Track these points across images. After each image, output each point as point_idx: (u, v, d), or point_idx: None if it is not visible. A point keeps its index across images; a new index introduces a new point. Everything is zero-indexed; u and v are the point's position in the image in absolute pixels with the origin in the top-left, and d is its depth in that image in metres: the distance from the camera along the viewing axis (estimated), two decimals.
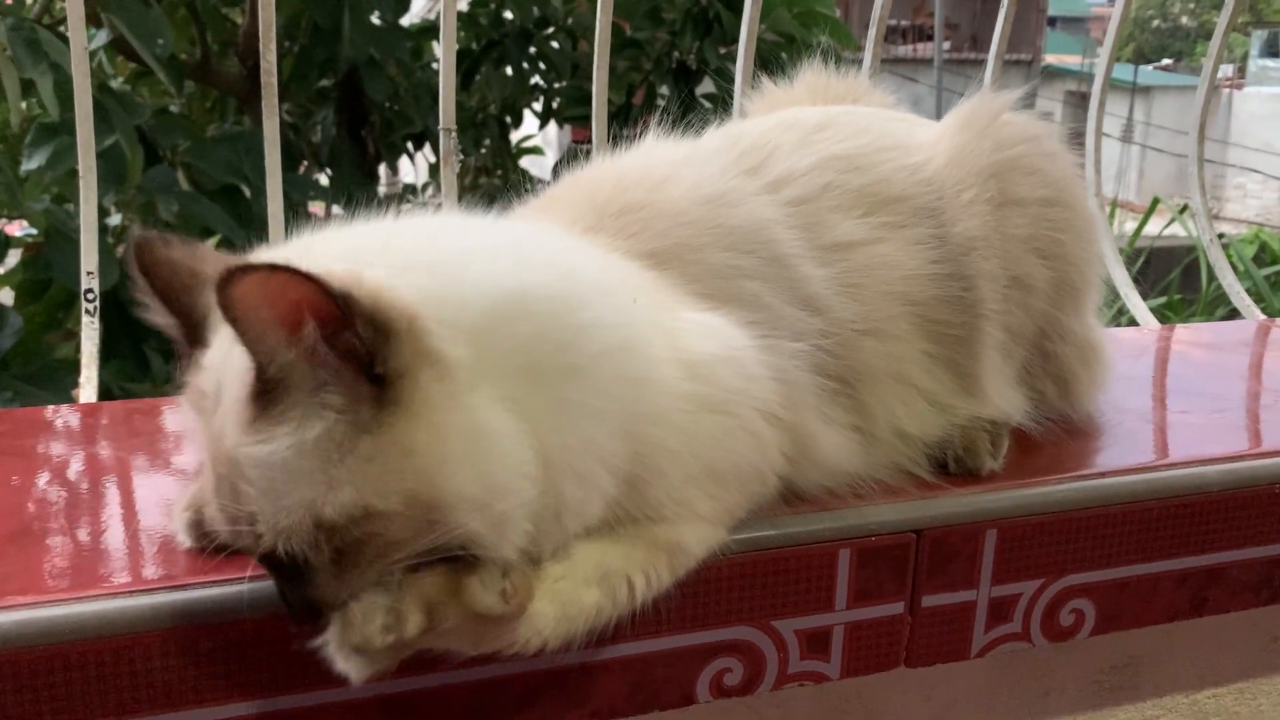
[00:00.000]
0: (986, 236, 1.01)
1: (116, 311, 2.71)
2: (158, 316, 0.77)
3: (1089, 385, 1.14)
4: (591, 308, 0.80)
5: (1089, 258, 1.08)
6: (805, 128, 1.04)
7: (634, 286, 0.87)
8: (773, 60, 1.28)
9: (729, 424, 0.85)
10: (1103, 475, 1.05)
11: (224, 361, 0.71)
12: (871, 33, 1.73)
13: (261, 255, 0.76)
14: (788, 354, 0.90)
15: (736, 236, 0.94)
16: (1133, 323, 1.89)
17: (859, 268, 0.98)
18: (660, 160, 1.01)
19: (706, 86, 3.99)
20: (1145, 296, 1.85)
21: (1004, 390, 1.04)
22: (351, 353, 0.67)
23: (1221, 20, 1.96)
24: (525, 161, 4.99)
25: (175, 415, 0.80)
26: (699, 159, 1.00)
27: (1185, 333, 1.68)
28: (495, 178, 4.68)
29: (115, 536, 0.89)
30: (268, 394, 0.67)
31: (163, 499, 0.94)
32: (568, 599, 0.78)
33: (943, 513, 0.98)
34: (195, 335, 0.75)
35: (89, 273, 1.31)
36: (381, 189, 5.17)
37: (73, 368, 1.36)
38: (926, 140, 1.06)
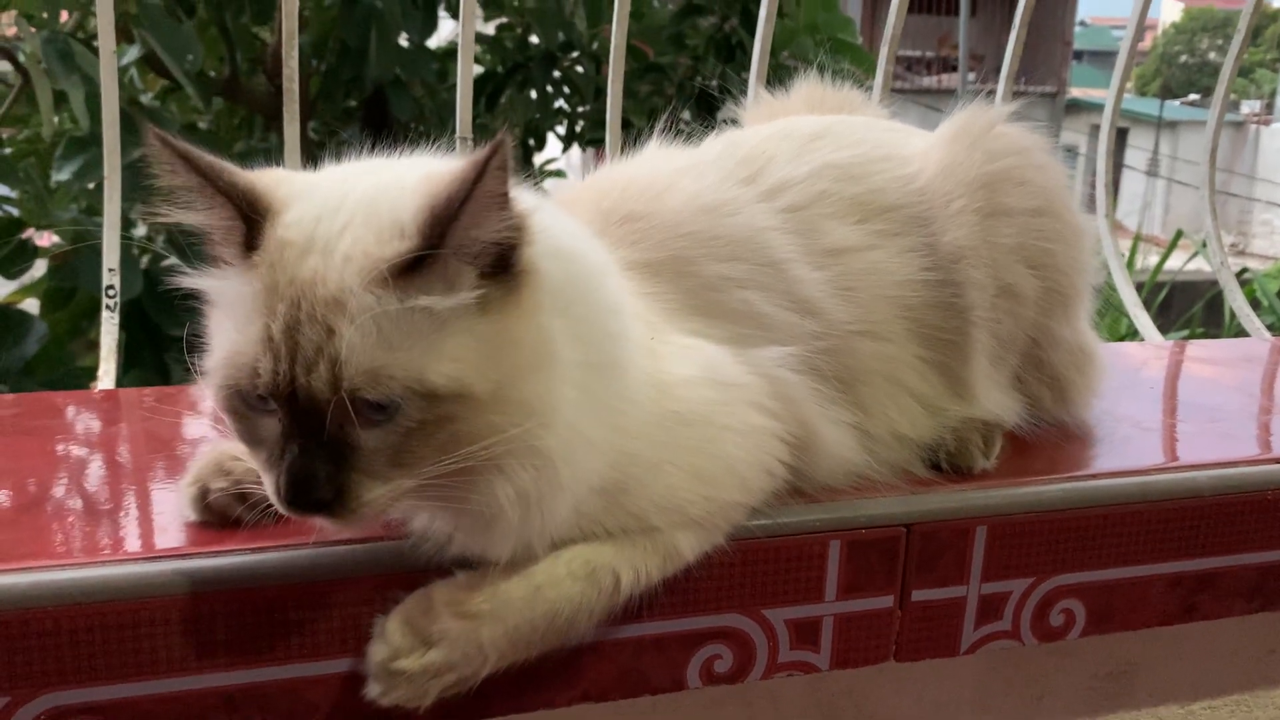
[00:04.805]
0: (974, 246, 1.02)
1: (139, 322, 2.76)
2: (196, 199, 0.74)
3: (1084, 391, 1.15)
4: (623, 333, 0.86)
5: (1078, 266, 1.09)
6: (802, 137, 1.06)
7: (640, 312, 0.92)
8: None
9: (709, 432, 0.88)
10: (1094, 477, 1.06)
11: (331, 217, 0.73)
12: (883, 51, 1.76)
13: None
14: (780, 358, 0.92)
15: (733, 246, 0.96)
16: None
17: (853, 272, 1.00)
18: (663, 169, 1.03)
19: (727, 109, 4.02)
20: (1167, 330, 1.86)
21: (994, 395, 1.06)
22: (498, 243, 0.74)
23: (1232, 48, 1.98)
24: (548, 185, 5.02)
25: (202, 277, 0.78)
26: (699, 168, 1.03)
27: (1192, 349, 1.68)
28: None
29: (125, 508, 0.92)
30: (421, 261, 0.71)
31: (172, 476, 0.97)
32: (544, 582, 0.82)
33: (933, 508, 0.99)
34: (253, 207, 0.74)
35: (110, 270, 1.35)
36: None
37: (95, 375, 1.39)
38: (919, 151, 1.08)
